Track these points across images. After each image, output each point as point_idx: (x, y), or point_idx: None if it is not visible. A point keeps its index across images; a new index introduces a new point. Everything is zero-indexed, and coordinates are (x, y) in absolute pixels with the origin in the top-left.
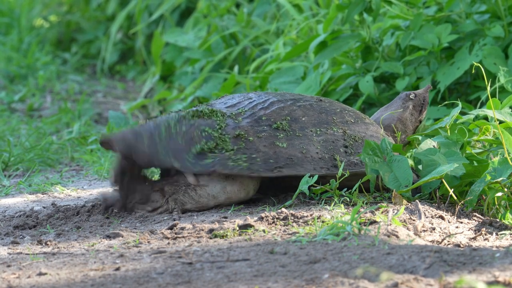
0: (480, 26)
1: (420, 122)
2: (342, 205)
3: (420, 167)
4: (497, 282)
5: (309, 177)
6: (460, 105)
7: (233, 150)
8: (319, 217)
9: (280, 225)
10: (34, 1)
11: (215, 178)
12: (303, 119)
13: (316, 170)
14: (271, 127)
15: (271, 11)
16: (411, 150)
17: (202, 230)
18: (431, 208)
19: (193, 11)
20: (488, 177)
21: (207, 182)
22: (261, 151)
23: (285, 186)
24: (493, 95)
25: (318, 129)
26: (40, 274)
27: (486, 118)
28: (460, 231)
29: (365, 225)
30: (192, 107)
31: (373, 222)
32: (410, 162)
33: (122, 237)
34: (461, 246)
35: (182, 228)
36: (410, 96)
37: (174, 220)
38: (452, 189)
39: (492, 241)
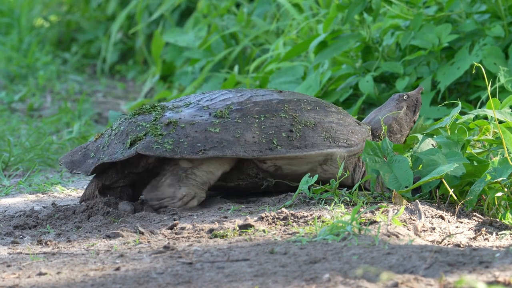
0: (480, 26)
1: (414, 122)
2: (342, 205)
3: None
4: (497, 282)
5: (248, 159)
6: (460, 105)
7: (161, 135)
8: (319, 217)
9: (280, 225)
10: (34, 1)
11: (207, 160)
12: (248, 106)
13: (246, 153)
14: (210, 115)
15: (271, 11)
16: (410, 150)
17: (202, 230)
18: (431, 208)
19: (193, 11)
20: (488, 177)
21: (201, 162)
22: (190, 136)
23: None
24: (493, 95)
25: (262, 116)
26: (40, 274)
27: (486, 118)
28: (460, 231)
29: (365, 225)
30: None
31: (373, 222)
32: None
33: (122, 237)
34: (461, 246)
35: (182, 228)
36: (404, 97)
37: (174, 220)
38: (452, 189)
39: (492, 241)
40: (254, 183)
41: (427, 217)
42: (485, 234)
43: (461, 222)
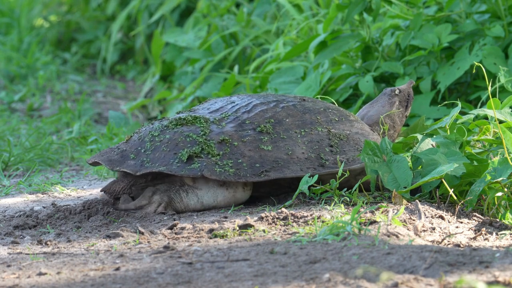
0: (480, 26)
1: (406, 117)
2: (342, 205)
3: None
4: (497, 282)
5: (309, 177)
6: (460, 105)
7: (219, 155)
8: (319, 217)
9: (280, 225)
10: (34, 1)
11: (210, 183)
12: (287, 120)
13: (303, 171)
14: (255, 130)
15: (271, 11)
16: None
17: (202, 230)
18: (431, 208)
19: (193, 11)
20: (488, 177)
21: (202, 186)
22: (246, 155)
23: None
24: (493, 95)
25: (302, 130)
26: (40, 274)
27: (486, 118)
28: (460, 231)
29: (365, 225)
30: (176, 114)
31: (373, 222)
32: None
33: (122, 237)
34: (461, 246)
35: (182, 228)
36: (395, 92)
37: (174, 220)
38: (452, 189)
39: (492, 241)
40: (285, 192)
41: (427, 217)
42: (485, 234)
43: (461, 222)
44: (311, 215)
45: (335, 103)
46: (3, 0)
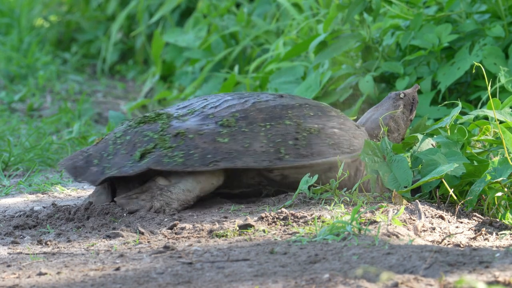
0: (480, 26)
1: (411, 121)
2: (342, 205)
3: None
4: (497, 282)
5: (265, 169)
6: (460, 105)
7: (171, 148)
8: (319, 217)
9: (280, 225)
10: (34, 1)
11: (185, 176)
12: (253, 114)
13: (256, 163)
14: (216, 124)
15: (271, 11)
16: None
17: (202, 230)
18: (431, 208)
19: (193, 11)
20: (488, 177)
21: (179, 180)
22: (200, 147)
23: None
24: (493, 95)
25: (268, 124)
26: (40, 274)
27: (486, 118)
28: (460, 231)
29: (365, 225)
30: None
31: (373, 222)
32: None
33: (122, 237)
34: (461, 246)
35: (182, 228)
36: (400, 96)
37: (174, 220)
38: (452, 189)
39: (492, 241)
40: (258, 190)
41: (427, 217)
42: (485, 234)
43: (461, 222)
44: (311, 215)
45: (335, 103)
46: (3, 0)
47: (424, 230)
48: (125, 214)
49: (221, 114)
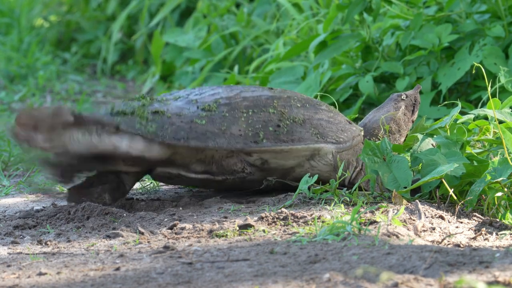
0: (480, 26)
1: (413, 122)
2: (342, 205)
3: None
4: (497, 282)
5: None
6: (460, 105)
7: (147, 119)
8: (319, 217)
9: (280, 225)
10: (34, 1)
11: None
12: (237, 101)
13: (230, 145)
14: (198, 108)
15: (271, 10)
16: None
17: (202, 230)
18: (431, 208)
19: (193, 11)
20: (488, 177)
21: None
22: (175, 124)
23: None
24: (493, 95)
25: (251, 110)
26: (40, 274)
27: (486, 118)
28: (460, 231)
29: (365, 225)
30: None
31: (373, 222)
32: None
33: (122, 237)
34: (461, 246)
35: (182, 228)
36: (402, 97)
37: (174, 220)
38: (452, 189)
39: (492, 241)
40: (242, 178)
41: (427, 217)
42: (485, 234)
43: (461, 222)
44: (311, 215)
45: (336, 103)
46: (3, 0)
47: (424, 230)
48: (125, 214)
49: (205, 100)
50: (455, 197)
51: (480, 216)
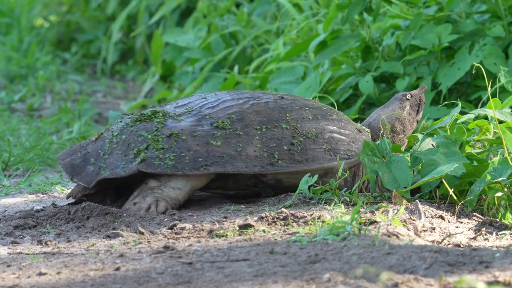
0: (480, 26)
1: (417, 122)
2: (342, 205)
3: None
4: (497, 282)
5: (257, 174)
6: (460, 105)
7: (163, 149)
8: (319, 217)
9: (280, 225)
10: (34, 1)
11: (173, 177)
12: (250, 117)
13: (248, 168)
14: (211, 125)
15: (271, 11)
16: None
17: (202, 230)
18: (431, 208)
19: (193, 11)
20: (488, 177)
21: (169, 179)
22: (192, 149)
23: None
24: (493, 95)
25: (264, 127)
26: (40, 274)
27: (486, 118)
28: (460, 231)
29: (365, 225)
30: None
31: (373, 222)
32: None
33: (122, 237)
34: (461, 246)
35: (182, 228)
36: (407, 97)
37: (175, 220)
38: (452, 189)
39: (492, 241)
40: (254, 191)
41: (427, 217)
42: (485, 234)
43: (461, 222)
44: (311, 215)
45: (335, 103)
46: (3, 0)
47: (424, 230)
48: (125, 214)
49: (218, 115)
50: (455, 197)
51: (480, 216)
